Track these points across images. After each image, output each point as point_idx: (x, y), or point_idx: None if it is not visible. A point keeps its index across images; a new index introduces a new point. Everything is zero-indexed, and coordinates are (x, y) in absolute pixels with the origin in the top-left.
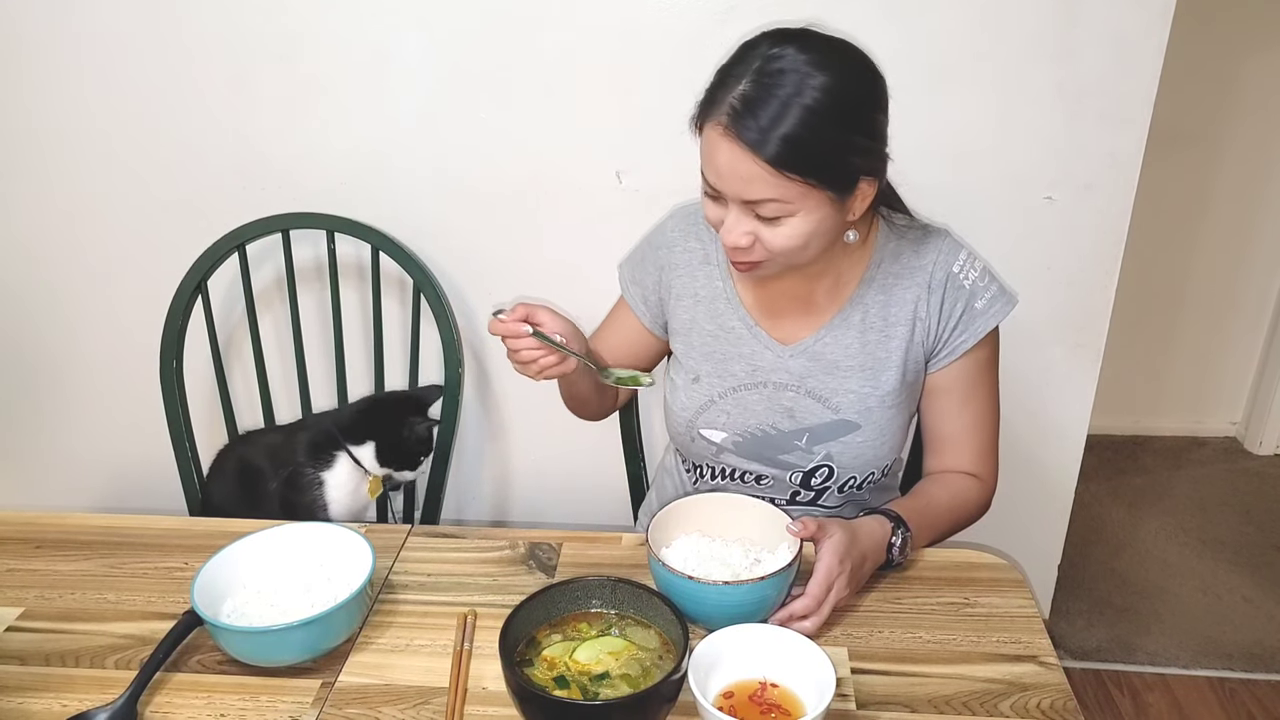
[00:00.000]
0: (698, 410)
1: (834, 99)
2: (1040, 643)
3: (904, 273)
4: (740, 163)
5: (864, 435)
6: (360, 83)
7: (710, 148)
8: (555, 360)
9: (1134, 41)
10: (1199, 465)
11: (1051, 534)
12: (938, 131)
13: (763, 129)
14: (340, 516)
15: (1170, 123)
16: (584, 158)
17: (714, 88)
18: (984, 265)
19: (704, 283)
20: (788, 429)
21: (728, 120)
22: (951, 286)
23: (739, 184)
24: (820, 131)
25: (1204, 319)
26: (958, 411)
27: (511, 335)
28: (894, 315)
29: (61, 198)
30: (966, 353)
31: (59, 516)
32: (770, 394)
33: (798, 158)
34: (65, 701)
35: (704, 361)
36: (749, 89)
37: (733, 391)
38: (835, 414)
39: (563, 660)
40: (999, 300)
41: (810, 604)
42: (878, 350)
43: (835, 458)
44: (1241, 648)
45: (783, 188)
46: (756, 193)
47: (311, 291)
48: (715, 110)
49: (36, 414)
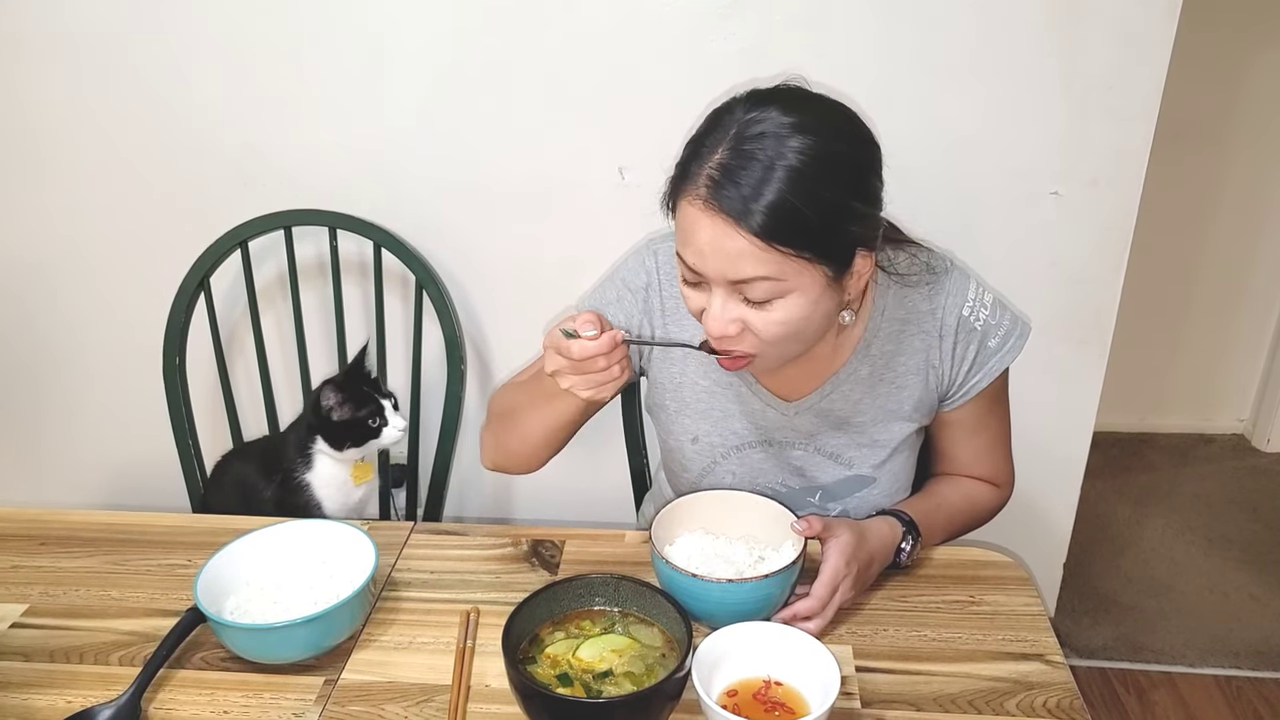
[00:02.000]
0: (700, 473)
1: (823, 161)
2: (1046, 641)
3: (911, 319)
4: (724, 238)
5: (880, 488)
6: (362, 79)
7: (688, 226)
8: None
9: (1142, 36)
10: (1206, 463)
11: (1057, 532)
12: (943, 126)
13: (746, 198)
14: (338, 512)
15: (1178, 118)
16: (586, 154)
17: (686, 160)
18: (993, 298)
19: (694, 334)
20: (799, 486)
21: (706, 193)
22: (963, 330)
23: (724, 263)
24: (816, 198)
25: (1211, 315)
26: (968, 439)
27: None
28: (904, 365)
29: (64, 196)
30: (981, 391)
31: (63, 513)
32: (777, 452)
33: (787, 228)
34: (69, 698)
35: (701, 420)
36: (726, 157)
37: (736, 451)
38: (849, 469)
39: (566, 658)
40: (1012, 335)
41: (815, 605)
42: (889, 402)
43: (851, 513)
44: (1249, 646)
45: (773, 263)
46: (744, 271)
47: (314, 288)
48: (690, 184)
49: (40, 411)
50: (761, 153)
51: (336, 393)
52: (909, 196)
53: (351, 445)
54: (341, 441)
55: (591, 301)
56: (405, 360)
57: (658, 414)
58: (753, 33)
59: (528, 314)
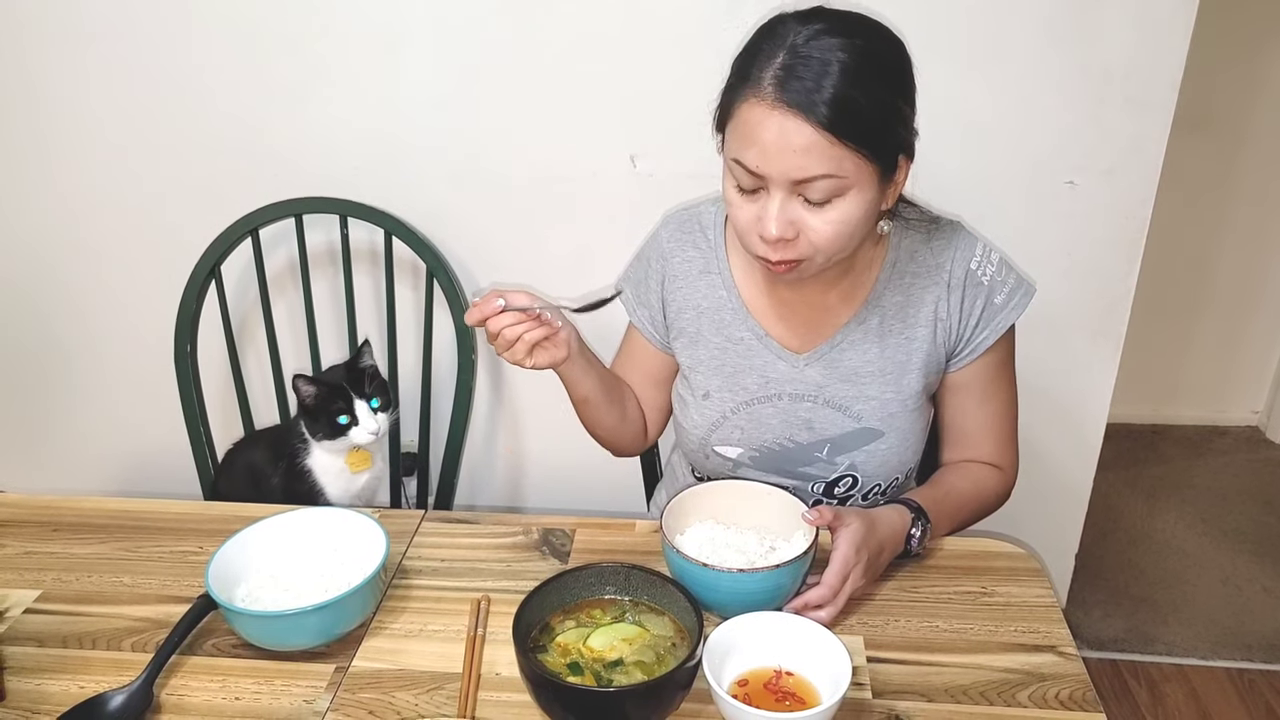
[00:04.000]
0: (710, 428)
1: (878, 62)
2: (1058, 632)
3: (921, 271)
4: (794, 134)
5: (888, 442)
6: (372, 67)
7: (752, 126)
8: (538, 328)
9: (1159, 25)
10: (1219, 455)
11: (1070, 523)
12: (958, 114)
13: (812, 92)
14: (342, 498)
15: (1195, 108)
16: (598, 141)
17: (742, 68)
18: (1000, 257)
19: (705, 293)
20: (806, 441)
21: (773, 91)
22: (971, 284)
23: (792, 160)
24: (871, 93)
25: (1226, 307)
26: (977, 407)
27: (487, 316)
28: (914, 316)
29: (75, 185)
30: (987, 350)
31: (75, 500)
32: (786, 406)
33: (853, 122)
34: (82, 683)
35: (713, 376)
36: (788, 59)
37: (745, 406)
38: (857, 422)
39: (576, 646)
40: (1018, 293)
41: (825, 593)
42: (898, 354)
43: (859, 467)
44: (1261, 639)
45: (838, 160)
46: (811, 168)
47: (324, 276)
48: (752, 86)
49: (53, 399)
50: (823, 53)
51: (308, 384)
52: (923, 185)
53: (325, 437)
54: (314, 431)
55: (624, 280)
56: (416, 348)
57: (679, 375)
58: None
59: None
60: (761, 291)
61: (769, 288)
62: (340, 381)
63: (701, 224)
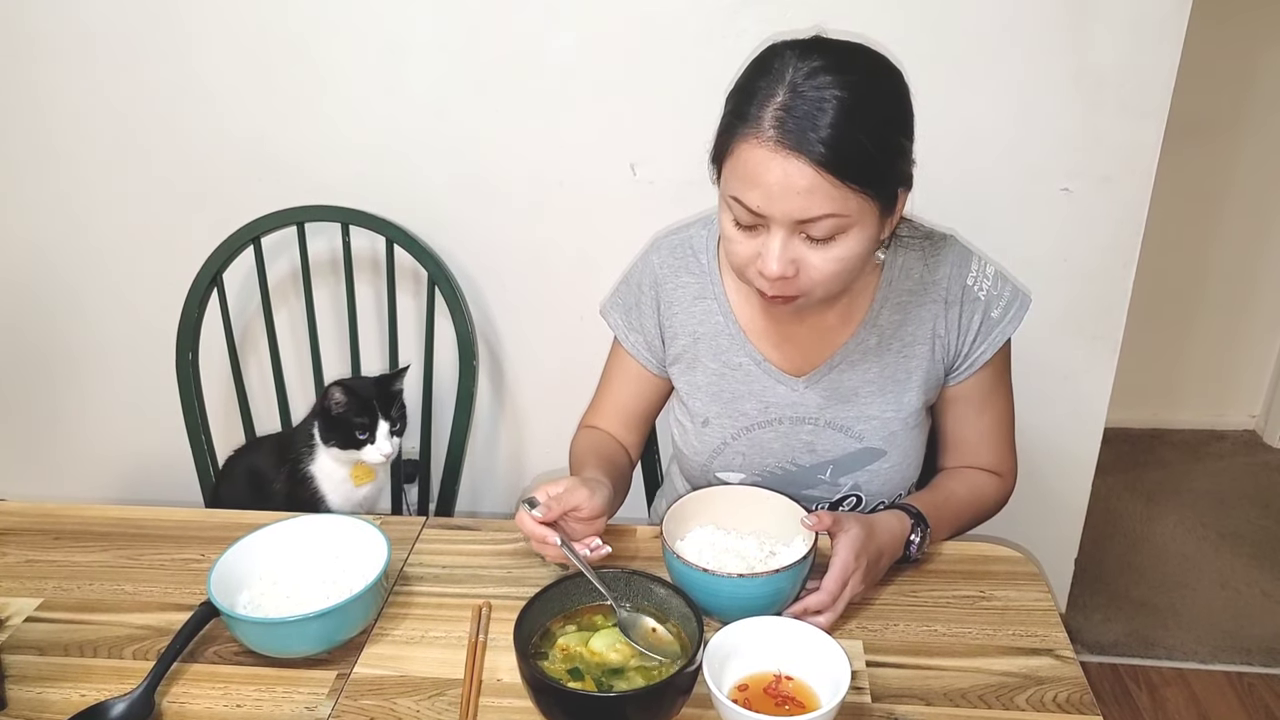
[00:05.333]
0: (711, 454)
1: (878, 99)
2: (1057, 636)
3: (917, 289)
4: (796, 176)
5: (891, 461)
6: (374, 75)
7: (753, 167)
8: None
9: (1152, 31)
10: (1218, 458)
11: (1068, 527)
12: (954, 122)
13: (816, 135)
14: (343, 507)
15: (1189, 114)
16: (598, 150)
17: (740, 107)
18: (995, 269)
19: (701, 319)
20: (809, 464)
21: (775, 134)
22: (968, 299)
23: (795, 201)
24: (873, 132)
25: (1223, 311)
26: (976, 416)
27: (538, 540)
28: (912, 335)
29: (78, 192)
30: (985, 362)
31: (77, 508)
32: (787, 430)
33: (856, 162)
34: (83, 691)
35: (711, 403)
36: (788, 99)
37: (746, 432)
38: (859, 442)
39: (577, 652)
40: (1014, 305)
41: (825, 599)
42: (897, 372)
43: (863, 487)
44: (1260, 642)
45: (841, 199)
46: (814, 209)
47: (326, 284)
48: (752, 127)
49: (54, 407)
50: (825, 91)
51: (343, 394)
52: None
53: (336, 445)
54: (328, 438)
55: (612, 306)
56: (418, 356)
57: (676, 399)
58: (764, 29)
59: (540, 310)
60: (758, 315)
61: (765, 312)
62: (372, 399)
63: (694, 248)
